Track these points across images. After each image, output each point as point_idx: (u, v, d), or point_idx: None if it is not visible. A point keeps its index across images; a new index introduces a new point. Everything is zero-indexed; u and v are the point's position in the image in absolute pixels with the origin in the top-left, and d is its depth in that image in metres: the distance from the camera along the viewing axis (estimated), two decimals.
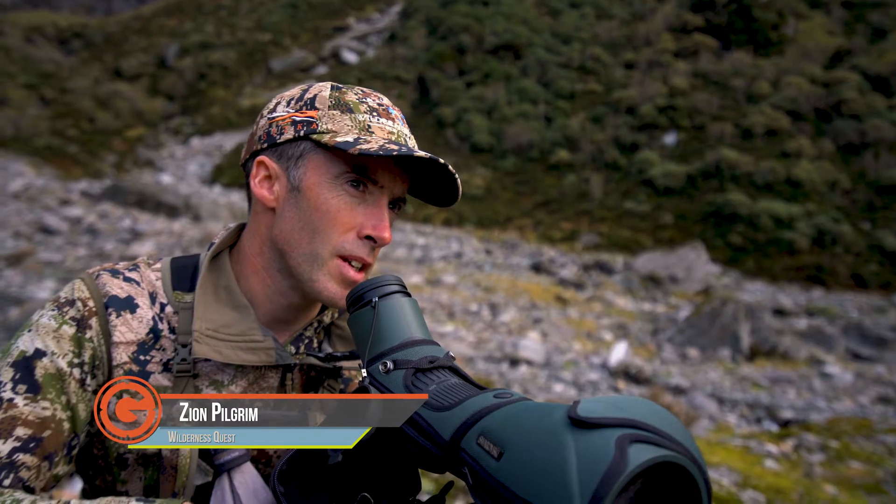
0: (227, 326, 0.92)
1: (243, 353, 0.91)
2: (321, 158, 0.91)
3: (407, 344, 0.78)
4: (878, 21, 33.00)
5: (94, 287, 0.91)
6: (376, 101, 0.95)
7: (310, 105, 0.93)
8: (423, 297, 13.10)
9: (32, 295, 10.04)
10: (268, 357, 0.93)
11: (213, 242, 1.00)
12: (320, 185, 0.91)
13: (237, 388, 0.94)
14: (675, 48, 34.69)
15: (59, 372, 0.85)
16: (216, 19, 44.92)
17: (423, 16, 40.47)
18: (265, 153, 0.94)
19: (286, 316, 0.99)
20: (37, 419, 0.82)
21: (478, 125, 31.65)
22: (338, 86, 0.96)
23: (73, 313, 0.89)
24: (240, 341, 0.92)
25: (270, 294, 0.97)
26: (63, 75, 34.97)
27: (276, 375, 0.97)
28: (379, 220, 0.92)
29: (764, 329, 13.01)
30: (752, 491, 5.93)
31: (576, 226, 24.95)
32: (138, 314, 0.92)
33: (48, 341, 0.86)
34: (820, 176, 25.24)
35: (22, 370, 0.84)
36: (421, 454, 0.70)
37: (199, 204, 19.47)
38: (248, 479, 0.89)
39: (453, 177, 0.92)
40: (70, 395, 0.86)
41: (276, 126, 0.93)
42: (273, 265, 0.96)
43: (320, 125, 0.91)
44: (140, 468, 0.91)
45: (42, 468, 0.82)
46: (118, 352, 0.90)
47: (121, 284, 0.93)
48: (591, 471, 0.50)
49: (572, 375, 9.88)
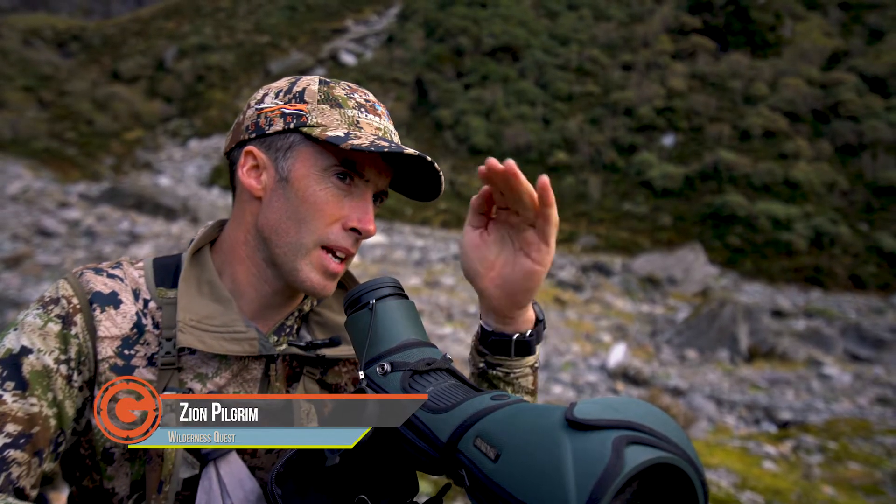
0: (210, 318, 0.93)
1: (227, 344, 0.92)
2: (310, 151, 0.92)
3: (404, 346, 0.79)
4: (876, 22, 33.07)
5: (78, 285, 0.92)
6: (363, 97, 0.97)
7: (299, 98, 0.94)
8: (421, 298, 13.10)
9: (30, 297, 10.03)
10: (251, 347, 0.94)
11: (193, 239, 1.02)
12: (308, 176, 0.92)
13: (221, 380, 0.95)
14: (673, 50, 34.74)
15: (45, 369, 0.86)
16: (214, 21, 44.92)
17: (420, 18, 40.49)
18: (253, 143, 0.96)
19: (271, 303, 1.00)
20: (26, 415, 0.83)
21: (476, 127, 31.66)
22: (325, 80, 0.97)
23: (58, 311, 0.90)
24: (223, 332, 0.93)
25: (255, 282, 0.99)
26: (61, 78, 34.94)
27: (260, 366, 0.98)
28: (364, 213, 0.94)
29: (762, 330, 13.01)
30: (750, 492, 5.93)
31: (574, 227, 24.97)
32: (122, 309, 0.93)
33: (34, 339, 0.87)
34: (818, 177, 25.28)
35: (9, 367, 0.84)
36: (418, 456, 0.70)
37: (197, 206, 19.45)
38: (234, 470, 0.90)
39: (438, 173, 0.94)
40: (56, 392, 0.86)
41: (264, 117, 0.95)
42: (258, 254, 0.97)
43: (310, 118, 0.92)
44: (126, 463, 0.91)
45: (32, 464, 0.82)
46: (103, 346, 0.90)
47: (104, 281, 0.94)
48: (587, 472, 0.50)
49: (571, 377, 9.88)
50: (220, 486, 0.88)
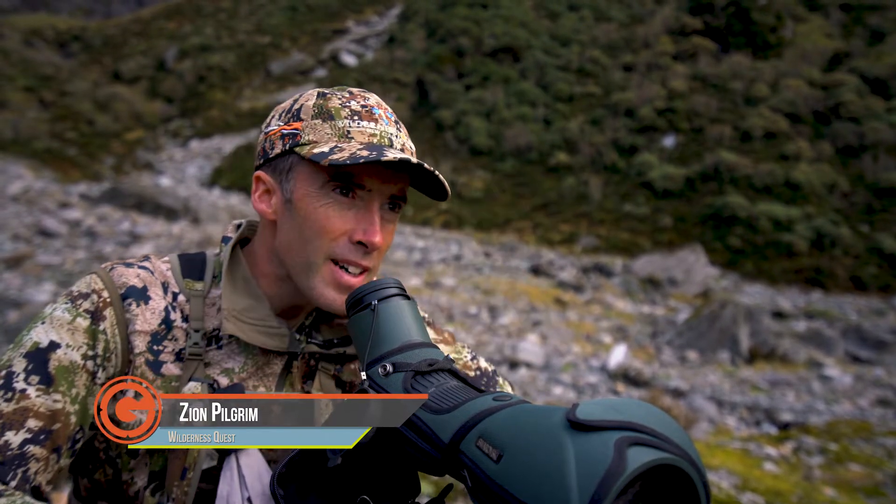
0: (248, 311, 0.96)
1: (263, 337, 0.95)
2: (307, 170, 0.93)
3: (406, 347, 0.79)
4: (877, 24, 33.06)
5: (109, 279, 0.93)
6: (360, 103, 0.96)
7: (295, 116, 0.95)
8: (422, 299, 13.10)
9: (31, 298, 10.03)
10: (282, 343, 0.97)
11: (229, 237, 1.03)
12: (308, 195, 0.92)
13: (244, 374, 0.96)
14: (674, 51, 34.73)
15: (72, 364, 0.86)
16: (215, 22, 44.93)
17: (421, 18, 40.50)
18: (262, 168, 0.98)
19: (292, 312, 1.03)
20: (48, 411, 0.83)
21: (477, 128, 31.66)
22: (324, 92, 0.97)
23: (88, 305, 0.90)
24: (260, 325, 0.95)
25: (277, 292, 1.01)
26: (62, 78, 34.95)
27: (281, 362, 0.99)
28: (369, 224, 0.93)
29: (763, 331, 13.00)
30: (751, 493, 5.93)
31: (575, 228, 24.96)
32: (151, 305, 0.94)
33: (63, 333, 0.87)
34: (819, 178, 25.26)
35: (35, 361, 0.84)
36: (420, 457, 0.70)
37: (198, 206, 19.46)
38: (254, 462, 0.91)
39: (433, 173, 0.93)
40: (80, 389, 0.87)
41: (269, 141, 0.96)
42: (279, 273, 1.00)
43: (303, 136, 0.92)
44: (147, 455, 0.92)
45: (50, 461, 0.83)
46: (139, 340, 0.91)
47: (137, 273, 0.96)
48: (589, 473, 0.50)
49: (571, 378, 9.88)
50: (239, 478, 0.89)
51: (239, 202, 23.41)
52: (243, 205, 22.46)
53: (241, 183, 26.36)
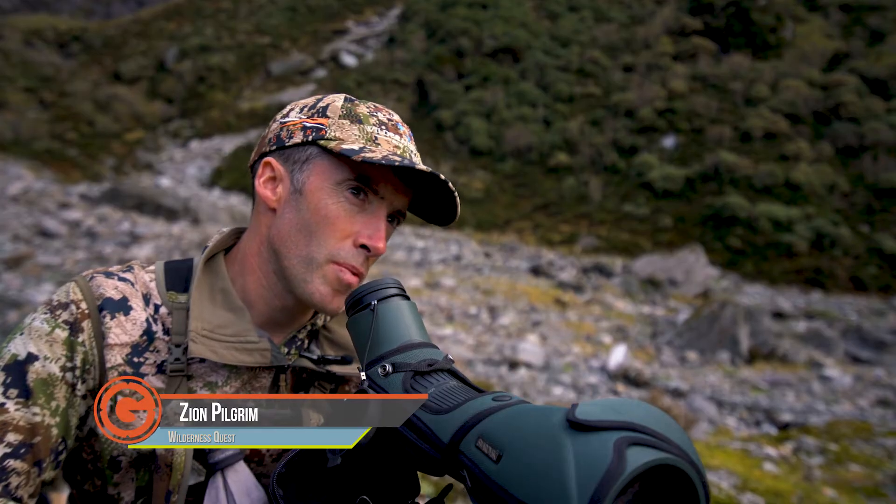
0: (222, 327, 0.92)
1: (238, 354, 0.92)
2: (326, 164, 0.92)
3: (406, 347, 0.79)
4: (877, 24, 33.08)
5: (88, 289, 0.91)
6: (386, 116, 0.97)
7: (321, 113, 0.95)
8: (422, 299, 13.10)
9: (31, 298, 10.03)
10: (263, 358, 0.93)
11: (208, 245, 1.00)
12: (322, 189, 0.92)
13: (230, 389, 0.94)
14: (674, 51, 34.76)
15: (50, 377, 0.85)
16: (215, 22, 44.95)
17: (421, 19, 40.53)
18: (273, 155, 0.96)
19: (281, 318, 1.00)
20: (28, 424, 0.82)
21: (477, 128, 31.68)
22: (351, 98, 0.98)
23: (66, 316, 0.88)
24: (235, 342, 0.92)
25: (265, 295, 0.98)
26: (62, 79, 34.98)
27: (269, 376, 0.97)
28: (375, 230, 0.93)
29: (763, 332, 13.01)
30: (751, 494, 5.93)
31: (575, 228, 24.97)
32: (132, 316, 0.92)
33: (41, 345, 0.86)
34: (818, 179, 25.28)
35: (14, 374, 0.84)
36: (420, 457, 0.70)
37: (198, 207, 19.46)
38: (242, 478, 0.90)
39: (452, 194, 0.93)
40: (60, 401, 0.85)
41: (286, 130, 0.95)
42: (269, 265, 0.97)
43: (329, 132, 0.92)
44: (132, 470, 0.90)
45: (31, 474, 0.82)
46: (112, 354, 0.89)
47: (115, 285, 0.93)
48: (589, 473, 0.50)
49: (571, 378, 9.88)
50: (226, 494, 0.88)
51: (239, 202, 23.41)
52: (243, 205, 22.45)
53: (241, 183, 26.36)
